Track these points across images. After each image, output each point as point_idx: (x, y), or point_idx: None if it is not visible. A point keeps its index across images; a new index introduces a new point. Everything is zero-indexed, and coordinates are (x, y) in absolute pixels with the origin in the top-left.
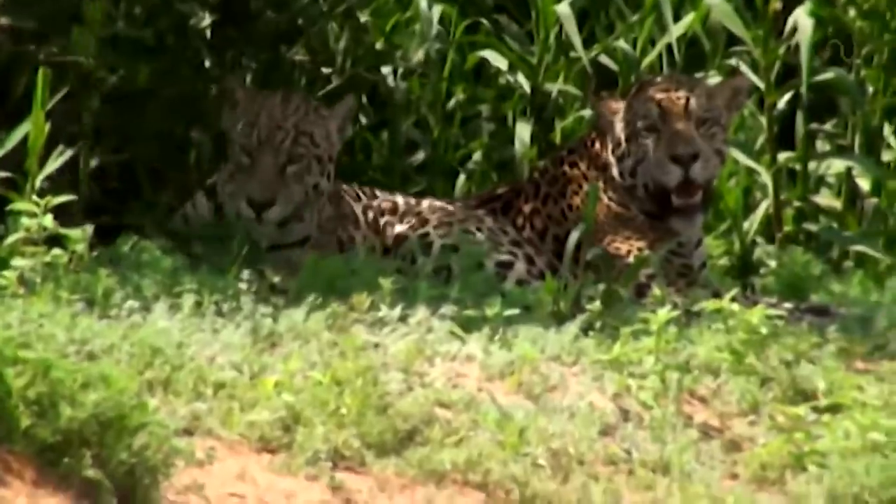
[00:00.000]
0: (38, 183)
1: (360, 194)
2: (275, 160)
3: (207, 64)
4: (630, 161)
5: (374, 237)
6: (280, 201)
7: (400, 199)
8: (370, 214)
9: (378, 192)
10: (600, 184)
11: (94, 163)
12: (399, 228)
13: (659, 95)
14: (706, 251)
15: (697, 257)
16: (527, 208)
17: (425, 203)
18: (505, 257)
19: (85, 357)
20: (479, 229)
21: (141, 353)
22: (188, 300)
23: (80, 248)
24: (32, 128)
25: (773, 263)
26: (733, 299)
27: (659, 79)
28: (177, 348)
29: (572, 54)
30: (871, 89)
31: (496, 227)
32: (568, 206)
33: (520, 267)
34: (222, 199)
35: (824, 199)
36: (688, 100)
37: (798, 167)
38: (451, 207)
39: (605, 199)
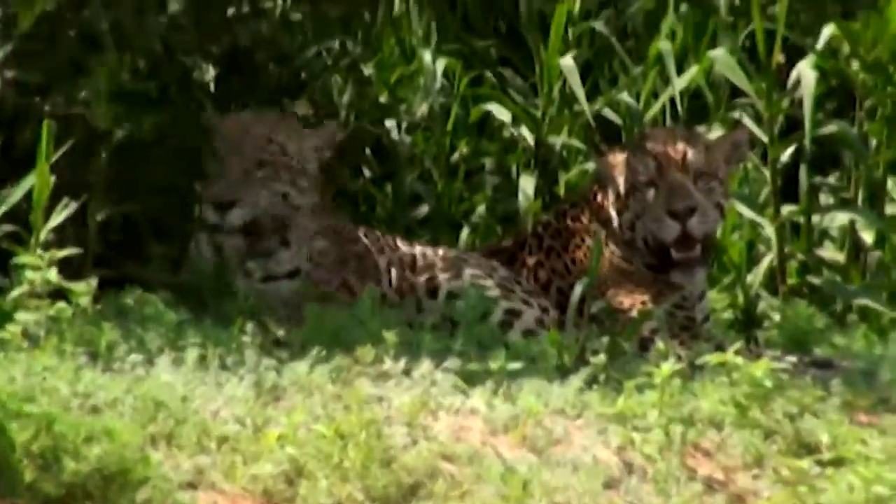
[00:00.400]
0: (42, 236)
1: (385, 246)
2: (240, 163)
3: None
4: (629, 215)
5: (395, 297)
6: (243, 202)
7: (418, 252)
8: (394, 272)
9: (399, 242)
10: (603, 237)
11: (100, 216)
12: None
13: (657, 149)
14: (709, 304)
15: (700, 310)
16: (530, 261)
17: (440, 252)
18: (514, 305)
19: (88, 411)
20: (489, 276)
21: (144, 406)
22: (192, 353)
23: (84, 301)
24: (37, 181)
25: (776, 317)
26: (737, 352)
27: (657, 132)
28: (180, 402)
29: (576, 107)
30: (874, 142)
31: (510, 276)
32: (571, 260)
33: (528, 317)
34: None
35: (828, 252)
36: (685, 154)
37: (801, 220)
38: (463, 255)
39: (608, 253)
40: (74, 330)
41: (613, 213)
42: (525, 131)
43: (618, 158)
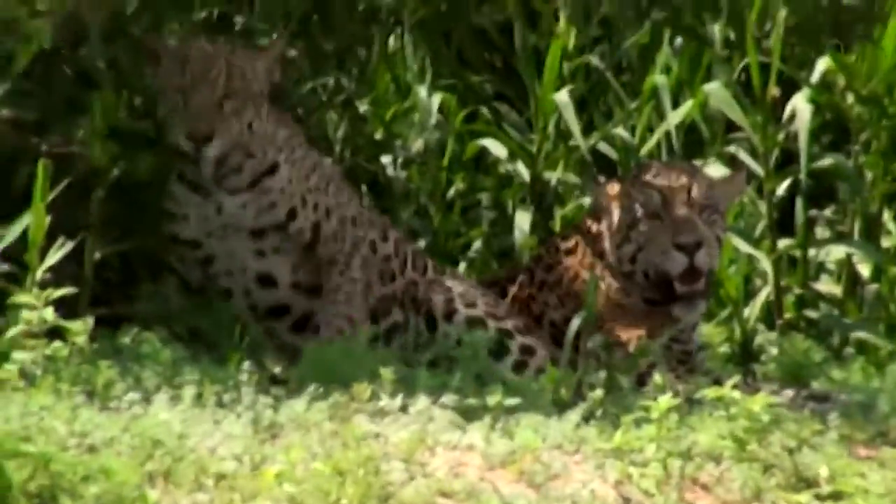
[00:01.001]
0: (38, 275)
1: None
2: (211, 94)
3: None
4: (630, 247)
5: (399, 273)
6: (219, 135)
7: (430, 263)
8: (401, 251)
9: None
10: (599, 271)
11: (97, 255)
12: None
13: (661, 181)
14: (703, 336)
15: (693, 342)
16: (523, 294)
17: (448, 274)
18: (528, 341)
19: (86, 449)
20: (498, 306)
21: (142, 444)
22: (189, 391)
23: (81, 340)
24: (33, 220)
25: (774, 350)
26: (734, 386)
27: (657, 164)
28: (178, 440)
29: (571, 142)
30: (869, 175)
31: (509, 307)
32: (566, 293)
33: (541, 353)
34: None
35: (825, 285)
36: (690, 187)
37: (798, 254)
38: (472, 283)
39: (604, 287)
40: (71, 369)
41: (610, 246)
42: (521, 166)
43: (617, 190)
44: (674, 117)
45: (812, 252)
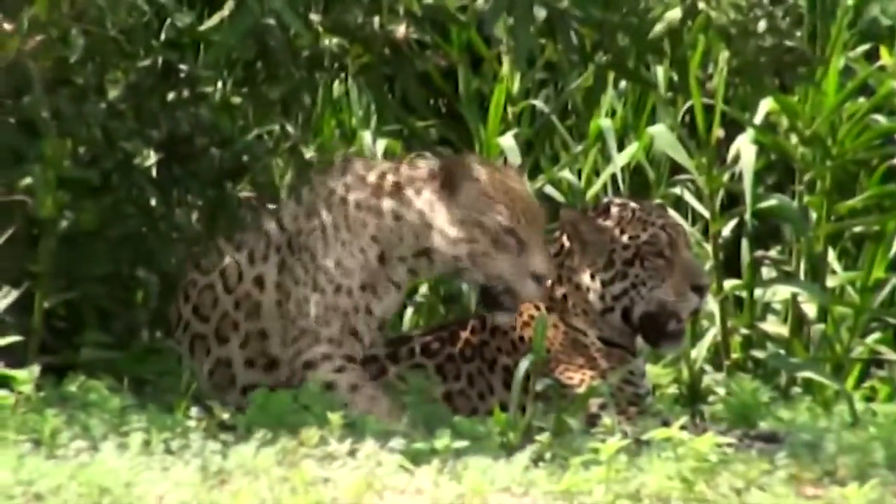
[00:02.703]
0: None
1: None
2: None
3: (153, 202)
4: (621, 284)
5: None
6: None
7: None
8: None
9: None
10: (553, 315)
11: (46, 304)
12: None
13: (662, 221)
14: (652, 380)
15: (643, 386)
16: (475, 339)
17: None
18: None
19: (32, 498)
20: None
21: (89, 492)
22: (136, 438)
23: (27, 388)
24: None
25: (721, 391)
26: (682, 427)
27: (646, 203)
28: (125, 487)
29: None
30: (814, 215)
31: None
32: (519, 338)
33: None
34: None
35: (771, 326)
36: (684, 229)
37: (744, 294)
38: None
39: (562, 327)
40: (17, 418)
41: (589, 282)
42: None
43: (607, 224)
44: (619, 160)
45: (758, 292)
